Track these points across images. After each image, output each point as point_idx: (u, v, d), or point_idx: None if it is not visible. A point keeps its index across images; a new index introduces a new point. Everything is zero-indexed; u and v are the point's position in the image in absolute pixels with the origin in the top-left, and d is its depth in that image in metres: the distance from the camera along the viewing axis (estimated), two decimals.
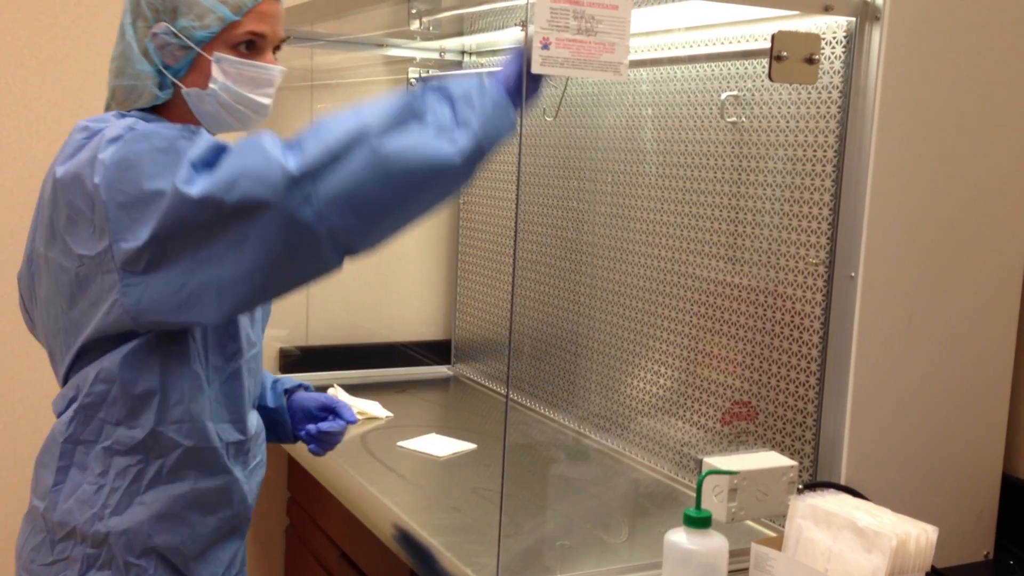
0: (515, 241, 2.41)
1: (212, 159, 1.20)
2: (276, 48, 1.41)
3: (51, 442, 1.35)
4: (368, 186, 1.16)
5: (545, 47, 1.31)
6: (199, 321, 1.28)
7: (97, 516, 1.30)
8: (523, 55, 1.27)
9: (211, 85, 1.34)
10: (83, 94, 2.23)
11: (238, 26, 1.33)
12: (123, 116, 1.32)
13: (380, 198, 1.17)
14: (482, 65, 2.57)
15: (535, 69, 1.31)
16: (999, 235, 1.65)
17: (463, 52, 2.61)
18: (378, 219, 1.20)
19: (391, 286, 2.66)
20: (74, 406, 1.32)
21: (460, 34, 2.54)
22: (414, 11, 2.37)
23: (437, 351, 2.73)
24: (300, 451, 2.14)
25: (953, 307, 1.62)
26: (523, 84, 1.27)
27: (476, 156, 1.20)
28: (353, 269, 2.69)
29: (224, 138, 1.32)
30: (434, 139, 1.18)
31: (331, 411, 1.60)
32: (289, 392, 1.64)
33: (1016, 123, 1.64)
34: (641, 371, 2.00)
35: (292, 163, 1.15)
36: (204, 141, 1.22)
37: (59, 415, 1.36)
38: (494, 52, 2.53)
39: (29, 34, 2.19)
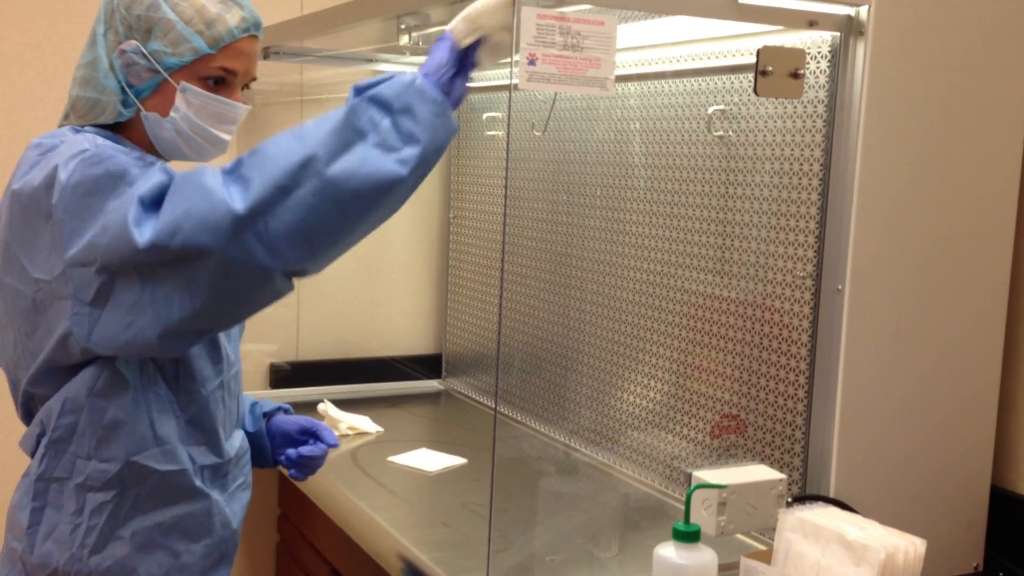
0: (502, 255, 2.42)
1: (159, 197, 1.15)
2: (245, 86, 1.38)
3: (24, 482, 1.31)
4: (320, 216, 1.13)
5: (531, 63, 1.32)
6: (150, 355, 1.26)
7: (76, 557, 1.26)
8: (452, 39, 1.25)
9: (172, 113, 1.31)
10: None
11: (211, 59, 1.30)
12: (78, 131, 1.29)
13: (333, 226, 1.14)
14: (471, 79, 2.57)
15: (522, 85, 1.32)
16: (985, 246, 1.66)
17: None
18: (331, 245, 1.17)
19: (382, 300, 2.66)
20: (44, 442, 1.28)
21: None
22: (403, 26, 2.37)
23: (428, 365, 2.73)
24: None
25: (940, 319, 1.63)
26: (454, 73, 1.26)
27: (423, 168, 1.18)
28: (344, 284, 2.70)
29: (176, 166, 1.29)
30: (380, 157, 1.14)
31: (312, 434, 1.56)
32: (268, 415, 1.60)
33: (1000, 135, 1.65)
34: (631, 384, 2.00)
35: (238, 202, 1.10)
36: (154, 177, 1.17)
37: (31, 454, 1.31)
38: None
39: (18, 51, 2.19)
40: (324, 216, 1.13)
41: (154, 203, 1.15)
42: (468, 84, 1.32)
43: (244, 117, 1.36)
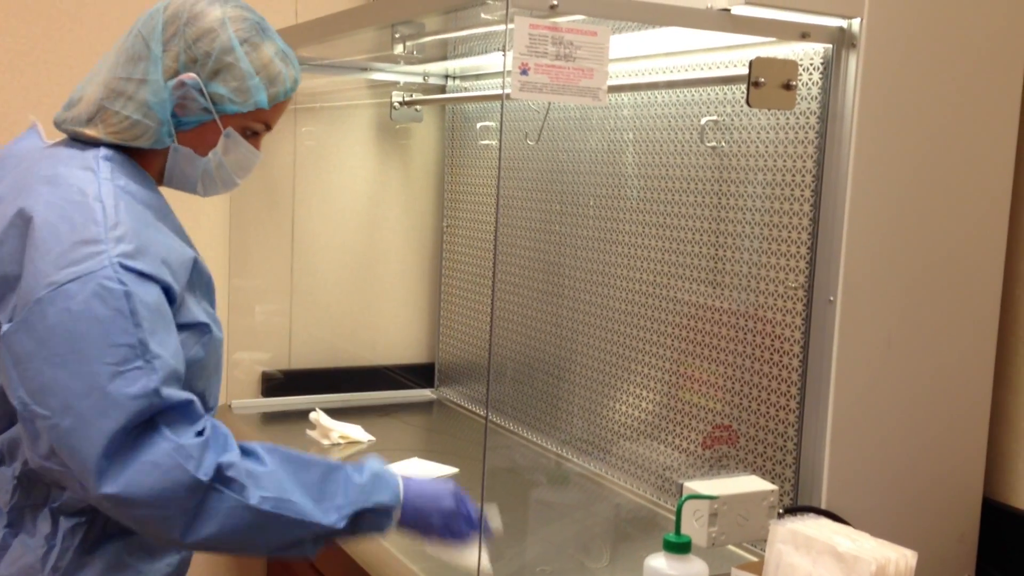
0: (494, 264, 2.42)
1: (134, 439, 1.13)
2: None
3: None
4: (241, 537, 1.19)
5: (524, 72, 1.32)
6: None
7: None
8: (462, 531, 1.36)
9: (210, 155, 1.32)
10: None
11: (262, 113, 1.32)
12: (108, 159, 1.25)
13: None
14: (465, 89, 2.58)
15: (514, 95, 1.32)
16: (977, 258, 1.66)
17: (446, 76, 2.62)
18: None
19: (374, 309, 2.65)
20: (12, 473, 1.24)
21: (444, 58, 2.55)
22: (398, 35, 2.37)
23: (420, 374, 2.73)
24: None
25: (932, 330, 1.63)
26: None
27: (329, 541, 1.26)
28: (336, 292, 2.69)
29: (170, 197, 1.34)
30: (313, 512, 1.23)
31: None
32: None
33: (992, 147, 1.66)
34: (623, 395, 2.00)
35: (198, 534, 1.15)
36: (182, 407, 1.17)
37: None
38: (477, 76, 2.54)
39: (10, 57, 2.19)
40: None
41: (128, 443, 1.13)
42: (464, 95, 1.33)
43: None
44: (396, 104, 2.58)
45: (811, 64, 1.56)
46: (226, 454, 1.17)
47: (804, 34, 1.49)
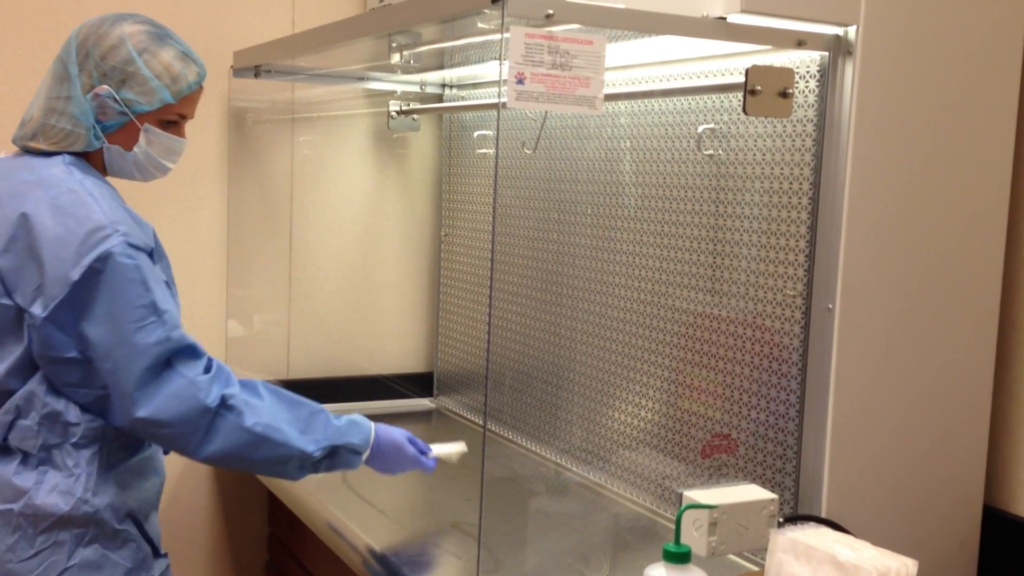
0: (491, 273, 2.41)
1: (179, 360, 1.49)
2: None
3: (13, 455, 1.51)
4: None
5: (520, 81, 1.32)
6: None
7: (82, 500, 1.49)
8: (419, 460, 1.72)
9: (135, 149, 1.58)
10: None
11: (172, 107, 1.58)
12: (69, 164, 1.53)
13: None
14: (462, 98, 2.58)
15: (510, 104, 1.32)
16: (975, 265, 1.66)
17: (443, 85, 2.62)
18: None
19: (373, 319, 2.65)
20: (31, 420, 1.50)
21: (440, 67, 2.55)
22: (394, 45, 2.38)
23: (419, 384, 2.72)
24: (281, 487, 2.12)
25: (931, 338, 1.63)
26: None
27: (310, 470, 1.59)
28: (335, 302, 2.69)
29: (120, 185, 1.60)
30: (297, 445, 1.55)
31: None
32: None
33: (989, 154, 1.66)
34: (622, 403, 1.99)
35: (208, 450, 1.49)
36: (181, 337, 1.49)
37: (2, 439, 1.51)
38: (474, 85, 2.54)
39: (7, 69, 2.19)
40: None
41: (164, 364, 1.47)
42: (461, 104, 1.38)
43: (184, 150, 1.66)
44: (393, 113, 2.58)
45: (807, 72, 1.56)
46: (229, 387, 1.50)
47: (800, 42, 1.49)
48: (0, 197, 1.51)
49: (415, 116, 2.60)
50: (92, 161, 1.59)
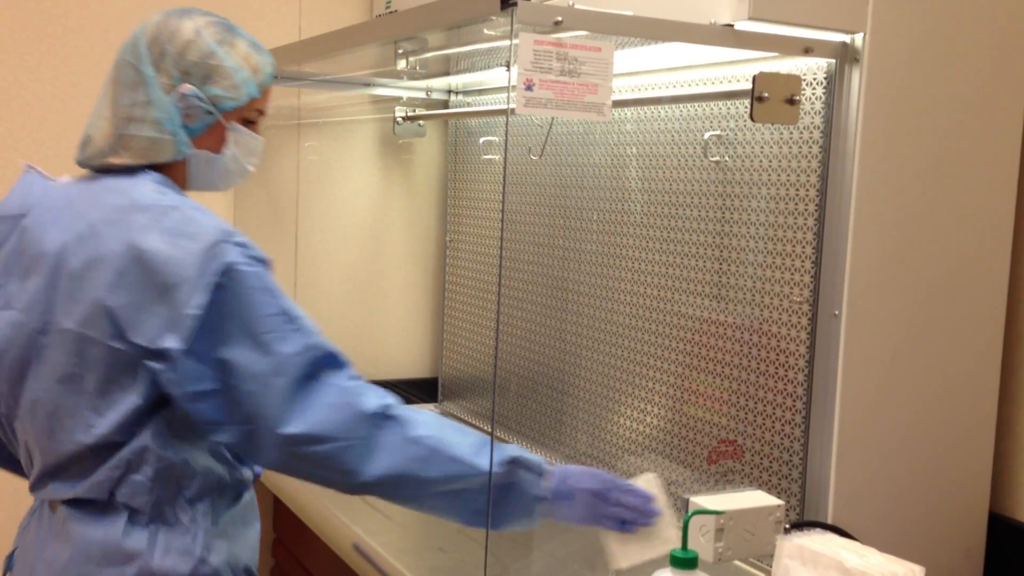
0: (499, 279, 2.42)
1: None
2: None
3: (113, 515, 1.36)
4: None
5: (529, 88, 1.32)
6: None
7: (201, 559, 1.37)
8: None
9: (225, 151, 1.45)
10: (69, 139, 2.23)
11: (256, 102, 1.46)
12: (161, 184, 1.39)
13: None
14: (468, 104, 2.59)
15: (519, 110, 1.32)
16: (982, 272, 1.66)
17: (449, 91, 2.62)
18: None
19: (377, 324, 2.65)
20: (143, 475, 1.35)
21: (447, 73, 2.56)
22: (400, 51, 2.38)
23: (424, 389, 2.72)
24: (285, 492, 2.13)
25: (937, 344, 1.63)
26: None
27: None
28: (339, 307, 2.69)
29: (204, 199, 1.44)
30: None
31: None
32: None
33: (996, 160, 1.66)
34: (627, 409, 1.99)
35: (373, 469, 1.31)
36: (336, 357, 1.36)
37: (107, 493, 1.35)
38: (479, 91, 2.54)
39: (15, 75, 2.20)
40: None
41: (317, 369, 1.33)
42: (467, 110, 1.37)
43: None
44: (399, 119, 2.59)
45: (814, 79, 1.56)
46: (386, 398, 1.35)
47: (807, 49, 1.50)
48: (95, 226, 1.33)
49: (421, 122, 2.61)
50: (174, 175, 1.44)
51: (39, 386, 1.35)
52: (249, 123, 1.47)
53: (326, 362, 1.33)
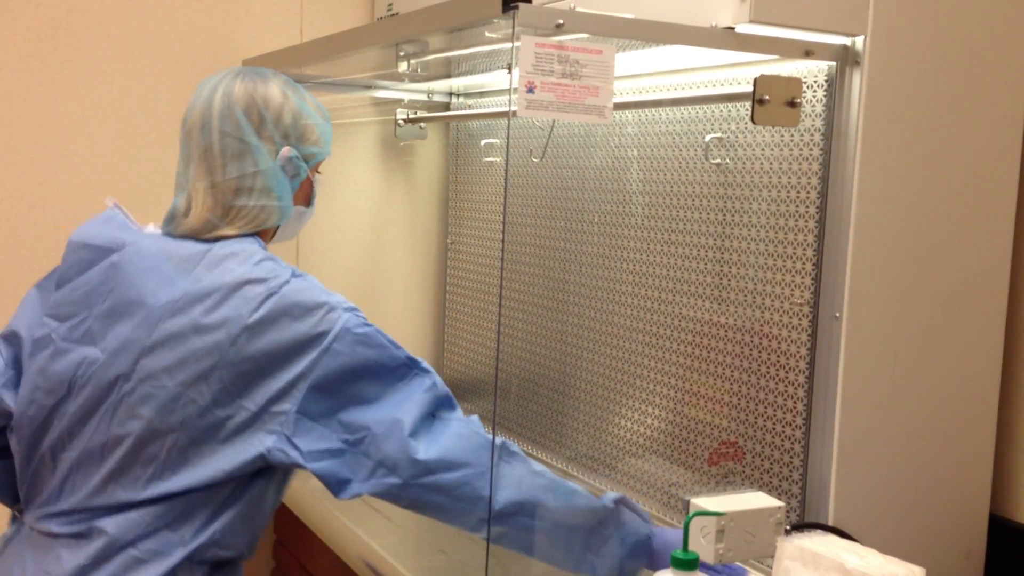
0: (500, 281, 2.42)
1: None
2: None
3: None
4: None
5: (530, 90, 1.32)
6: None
7: None
8: None
9: (313, 203, 1.53)
10: (70, 142, 2.24)
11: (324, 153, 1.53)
12: (271, 257, 1.42)
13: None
14: (469, 107, 2.59)
15: (520, 112, 1.33)
16: (982, 275, 1.67)
17: (451, 94, 2.63)
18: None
19: (379, 325, 2.65)
20: (174, 532, 1.34)
21: (448, 76, 2.56)
22: (402, 53, 2.38)
23: None
24: (287, 493, 2.12)
25: (938, 347, 1.63)
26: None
27: None
28: None
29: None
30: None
31: None
32: None
33: (996, 162, 1.66)
34: (628, 411, 2.00)
35: (504, 495, 1.35)
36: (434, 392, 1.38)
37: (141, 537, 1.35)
38: (481, 94, 2.55)
39: (16, 76, 2.20)
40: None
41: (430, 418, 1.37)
42: (468, 112, 1.38)
43: None
44: (400, 121, 2.59)
45: (815, 81, 1.57)
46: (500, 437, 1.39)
47: (808, 52, 1.50)
48: (206, 291, 1.35)
49: (422, 124, 2.62)
50: (262, 235, 1.48)
51: (112, 428, 1.35)
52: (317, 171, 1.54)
53: (445, 403, 1.38)
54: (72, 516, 1.37)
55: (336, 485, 1.33)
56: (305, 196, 1.52)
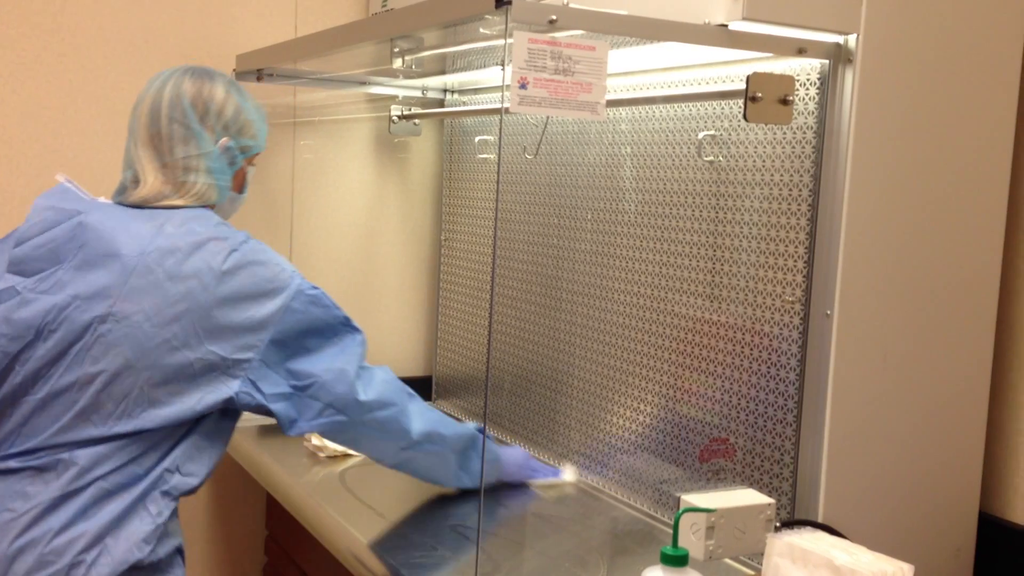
0: (492, 278, 2.42)
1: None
2: None
3: (86, 495, 1.46)
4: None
5: (523, 86, 1.33)
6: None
7: (154, 551, 1.48)
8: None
9: (246, 190, 1.73)
10: (64, 136, 2.24)
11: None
12: (221, 222, 1.60)
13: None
14: (463, 103, 2.59)
15: (513, 109, 1.33)
16: (974, 273, 1.67)
17: (445, 90, 2.63)
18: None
19: (372, 322, 2.66)
20: (139, 465, 1.48)
21: (442, 72, 2.56)
22: (396, 50, 2.38)
23: (418, 387, 2.70)
24: (279, 489, 2.13)
25: (929, 345, 1.63)
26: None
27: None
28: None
29: None
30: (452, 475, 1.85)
31: None
32: None
33: (988, 161, 1.67)
34: (620, 408, 2.00)
35: (418, 427, 1.69)
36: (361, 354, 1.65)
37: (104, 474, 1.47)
38: (475, 90, 2.55)
39: (11, 70, 2.20)
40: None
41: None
42: (462, 108, 1.40)
43: None
44: (395, 118, 2.59)
45: (808, 79, 1.57)
46: None
47: (801, 50, 1.50)
48: (177, 245, 1.51)
49: (416, 121, 2.61)
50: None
51: (85, 367, 1.46)
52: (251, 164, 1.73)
53: (365, 354, 1.64)
54: (36, 453, 1.47)
55: (287, 424, 1.55)
56: (239, 184, 1.70)
